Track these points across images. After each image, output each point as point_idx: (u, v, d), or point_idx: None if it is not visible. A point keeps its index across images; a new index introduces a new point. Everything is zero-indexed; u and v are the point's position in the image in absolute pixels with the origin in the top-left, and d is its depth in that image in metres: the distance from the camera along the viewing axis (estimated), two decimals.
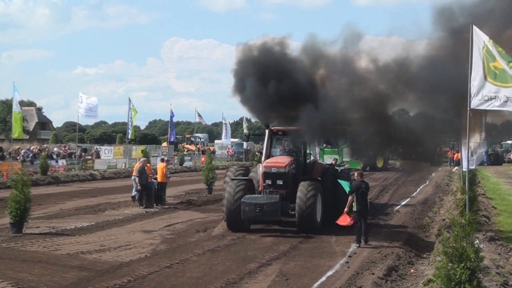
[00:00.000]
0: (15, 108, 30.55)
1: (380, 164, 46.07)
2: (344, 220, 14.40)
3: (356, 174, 14.74)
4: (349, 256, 12.72)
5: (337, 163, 25.16)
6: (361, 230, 14.01)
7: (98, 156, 43.54)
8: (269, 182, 16.02)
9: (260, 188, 16.33)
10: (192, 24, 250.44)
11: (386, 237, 15.38)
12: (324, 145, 26.60)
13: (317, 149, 21.58)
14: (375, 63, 16.80)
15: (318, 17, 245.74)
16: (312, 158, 18.69)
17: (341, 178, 17.32)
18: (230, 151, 67.41)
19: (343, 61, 17.08)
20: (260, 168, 16.82)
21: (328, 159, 24.96)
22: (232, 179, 16.59)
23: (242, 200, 15.22)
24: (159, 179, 21.77)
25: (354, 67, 16.91)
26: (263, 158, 17.44)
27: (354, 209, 14.04)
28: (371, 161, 44.56)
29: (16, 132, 30.67)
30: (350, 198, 14.18)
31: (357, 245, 13.85)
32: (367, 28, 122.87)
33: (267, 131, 17.81)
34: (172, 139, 52.47)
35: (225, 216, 15.99)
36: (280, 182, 15.96)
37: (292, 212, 15.67)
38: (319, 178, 16.39)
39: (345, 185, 16.30)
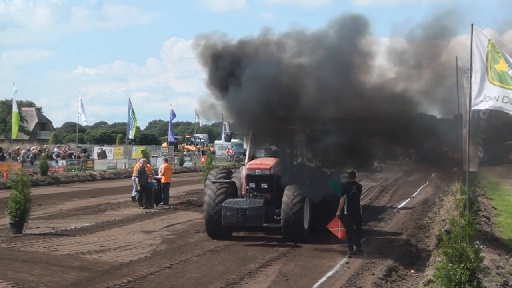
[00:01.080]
0: (15, 108, 30.58)
1: None
2: (335, 225, 13.39)
3: (348, 174, 13.74)
4: (349, 257, 12.71)
5: None
6: (352, 237, 13.11)
7: (104, 156, 43.95)
8: (252, 185, 14.91)
9: (243, 192, 15.32)
10: (192, 24, 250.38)
11: (386, 238, 15.39)
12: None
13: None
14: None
15: (318, 17, 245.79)
16: (299, 159, 16.88)
17: (331, 181, 15.98)
18: (230, 151, 67.39)
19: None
20: (244, 171, 15.73)
21: None
22: (213, 182, 15.51)
23: (223, 204, 14.12)
24: (166, 180, 21.80)
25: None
26: (246, 160, 16.30)
27: (345, 212, 13.10)
28: None
29: (14, 132, 30.84)
30: (341, 200, 13.16)
31: (350, 252, 12.93)
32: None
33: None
34: (171, 140, 52.57)
35: (204, 222, 14.92)
36: (264, 185, 14.85)
37: (278, 218, 14.44)
38: (307, 182, 15.20)
39: (335, 186, 14.82)
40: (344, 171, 16.73)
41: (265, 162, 15.42)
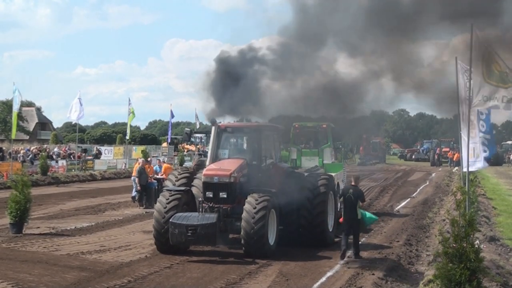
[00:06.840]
0: (15, 108, 30.61)
1: None
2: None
3: (352, 178, 12.96)
4: (349, 257, 12.70)
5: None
6: (346, 242, 12.22)
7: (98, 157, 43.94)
8: (209, 194, 12.75)
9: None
10: (193, 24, 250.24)
11: (386, 237, 15.40)
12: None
13: (294, 151, 19.35)
14: None
15: None
16: (270, 160, 14.34)
17: (306, 185, 13.92)
18: None
19: None
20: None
21: (307, 162, 20.52)
22: (167, 190, 13.27)
23: (170, 220, 12.07)
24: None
25: None
26: (207, 162, 14.17)
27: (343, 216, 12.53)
28: None
29: (13, 132, 31.02)
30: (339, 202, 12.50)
31: (341, 261, 12.07)
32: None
33: (213, 128, 14.30)
34: (168, 141, 52.74)
35: (154, 234, 12.76)
36: (223, 195, 12.67)
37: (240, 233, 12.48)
38: (273, 190, 12.93)
39: (365, 217, 13.03)
40: (322, 173, 15.36)
41: (226, 167, 13.10)
